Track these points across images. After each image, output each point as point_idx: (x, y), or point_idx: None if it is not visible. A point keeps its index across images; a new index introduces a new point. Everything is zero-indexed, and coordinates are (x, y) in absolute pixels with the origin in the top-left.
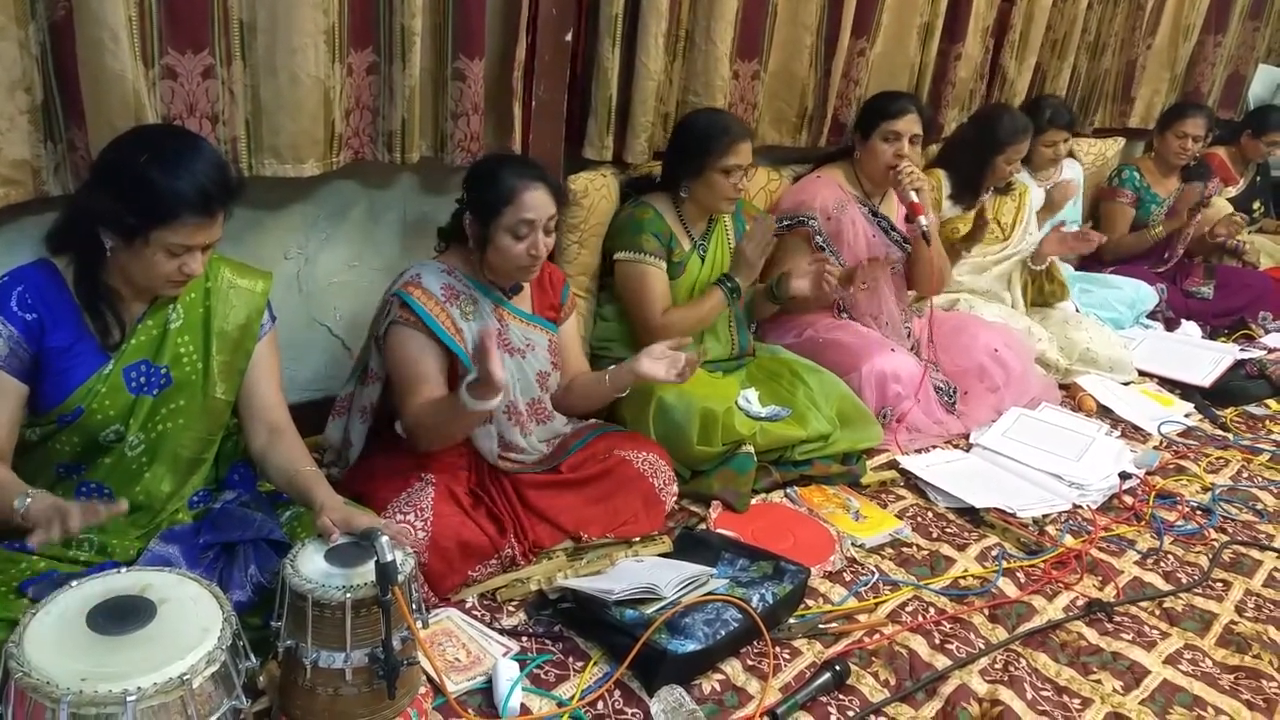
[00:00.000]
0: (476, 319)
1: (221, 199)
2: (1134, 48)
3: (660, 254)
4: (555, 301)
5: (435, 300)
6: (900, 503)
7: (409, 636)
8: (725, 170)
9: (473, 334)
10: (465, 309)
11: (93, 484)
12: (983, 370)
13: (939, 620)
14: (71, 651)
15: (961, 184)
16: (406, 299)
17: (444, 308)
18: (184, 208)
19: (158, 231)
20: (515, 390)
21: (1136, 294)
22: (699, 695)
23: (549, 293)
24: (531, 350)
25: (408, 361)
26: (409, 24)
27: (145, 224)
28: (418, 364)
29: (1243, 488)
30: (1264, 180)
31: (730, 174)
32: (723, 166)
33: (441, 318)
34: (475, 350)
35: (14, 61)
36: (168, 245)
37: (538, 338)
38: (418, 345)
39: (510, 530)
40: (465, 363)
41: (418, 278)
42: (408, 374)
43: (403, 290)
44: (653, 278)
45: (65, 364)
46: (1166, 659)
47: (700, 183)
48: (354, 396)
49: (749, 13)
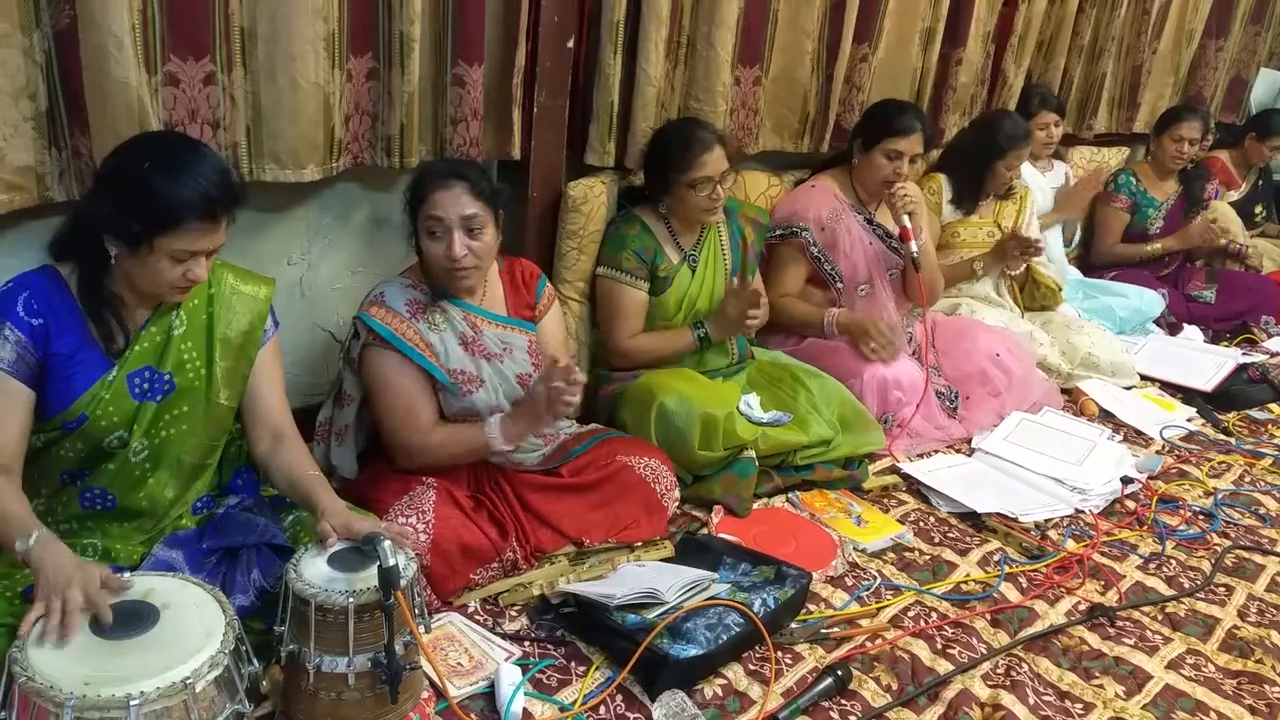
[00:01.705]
0: (448, 328)
1: (225, 204)
2: (1139, 53)
3: (639, 273)
4: (530, 300)
5: (400, 317)
6: (902, 507)
7: (412, 641)
8: (692, 184)
9: (445, 346)
10: (434, 320)
11: (96, 490)
12: (984, 375)
13: (941, 625)
14: (75, 656)
15: (962, 189)
16: (369, 321)
17: (410, 324)
18: (188, 213)
19: (162, 238)
20: (499, 396)
21: (1142, 300)
22: (701, 700)
23: (523, 292)
24: (509, 354)
25: (390, 385)
26: (408, 30)
27: (150, 231)
28: (400, 385)
29: (1245, 492)
30: (1266, 184)
31: (699, 186)
32: (688, 181)
33: (408, 334)
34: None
35: (18, 69)
36: (172, 251)
37: (515, 339)
38: (394, 366)
39: (512, 534)
40: (440, 378)
41: (380, 297)
42: (394, 399)
43: (363, 313)
44: (626, 298)
45: (69, 370)
46: (1169, 664)
47: (673, 198)
48: (332, 420)
49: (750, 18)
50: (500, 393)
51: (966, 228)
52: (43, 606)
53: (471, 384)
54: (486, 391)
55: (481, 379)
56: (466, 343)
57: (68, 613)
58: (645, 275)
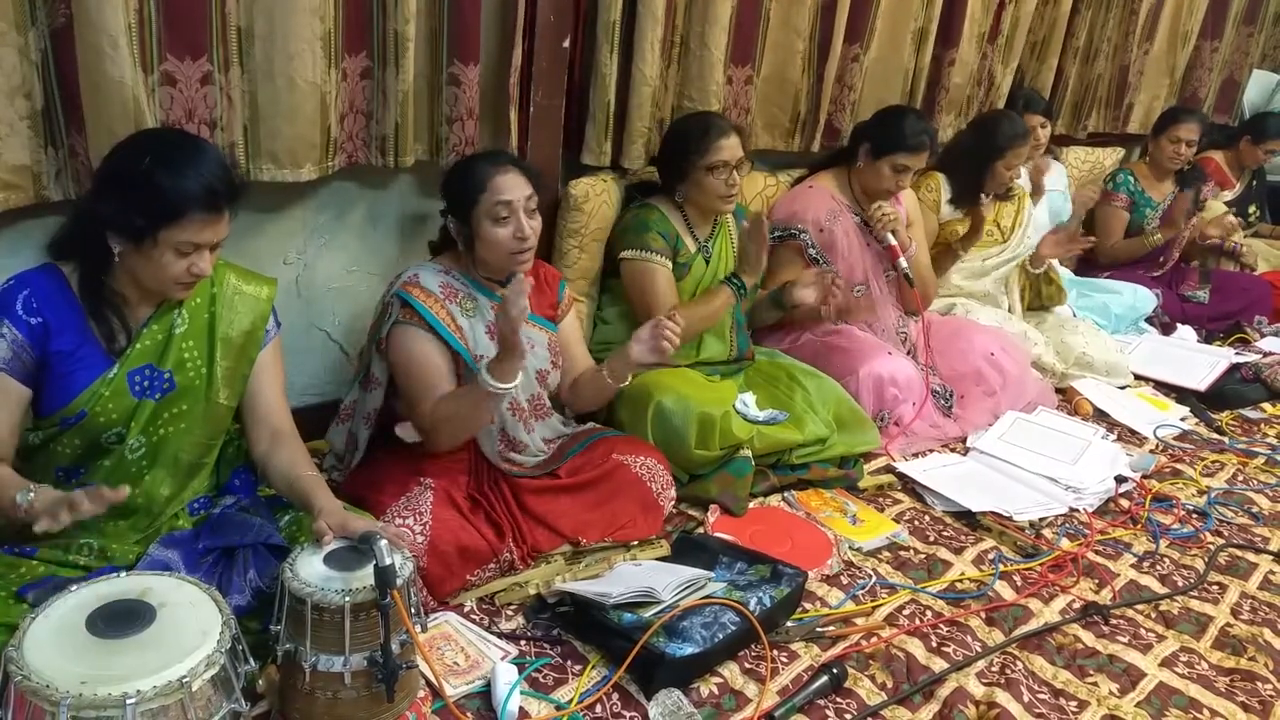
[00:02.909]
0: (477, 315)
1: (227, 195)
2: (1128, 53)
3: (666, 253)
4: (553, 300)
5: (435, 298)
6: (897, 506)
7: (408, 640)
8: (710, 168)
9: (474, 331)
10: (465, 306)
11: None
12: (979, 374)
13: (936, 623)
14: (71, 655)
15: (961, 189)
16: (407, 298)
17: (444, 305)
18: (192, 205)
19: (166, 231)
20: (517, 388)
21: (1135, 298)
22: (697, 698)
23: (546, 292)
24: (531, 349)
25: (416, 360)
26: (402, 29)
27: (154, 224)
28: (426, 362)
29: (1238, 491)
30: (1260, 185)
31: (716, 171)
32: (707, 164)
33: (442, 315)
34: (501, 309)
35: (14, 68)
36: (177, 244)
37: (537, 336)
38: (424, 343)
39: (509, 534)
40: (467, 359)
41: (415, 277)
42: (418, 373)
43: (402, 290)
44: (659, 275)
45: (69, 368)
46: (1162, 661)
47: (691, 184)
48: (358, 403)
49: (743, 18)
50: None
51: (964, 226)
52: (49, 519)
53: None
54: None
55: None
56: (493, 332)
57: (72, 501)
58: (670, 256)
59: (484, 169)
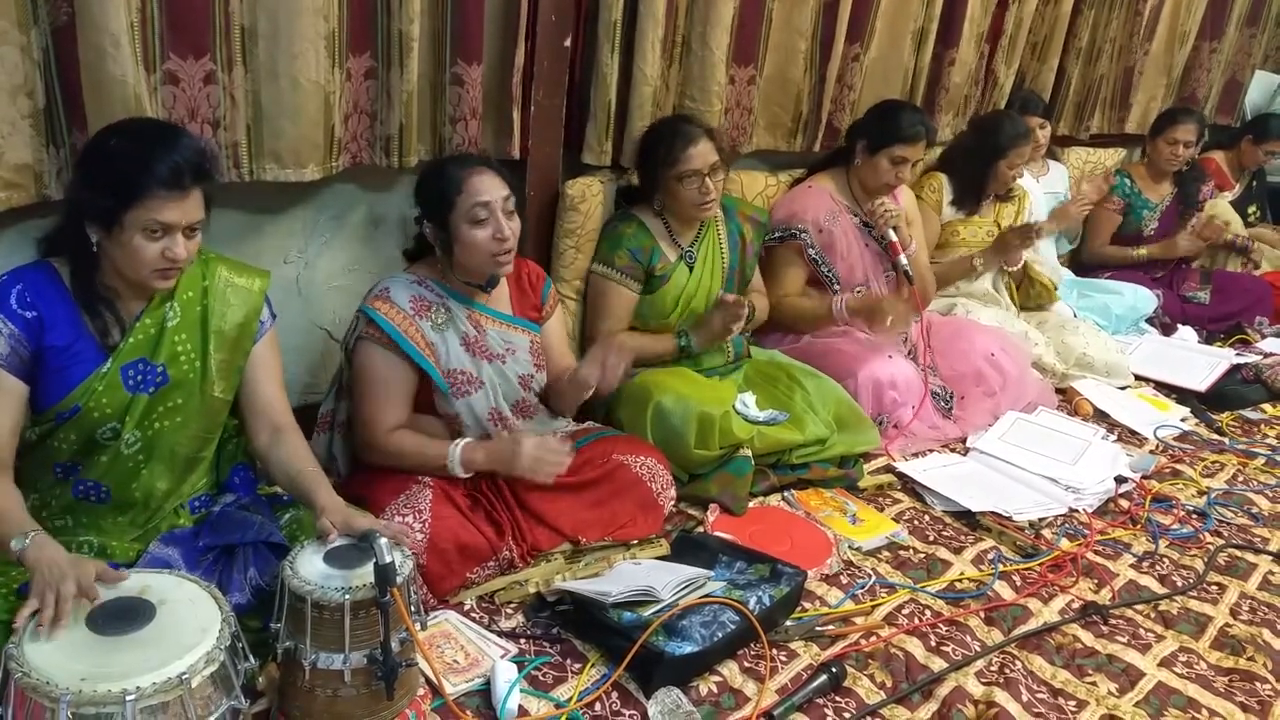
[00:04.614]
0: (450, 328)
1: (192, 172)
2: (1131, 54)
3: (631, 272)
4: (536, 301)
5: (404, 314)
6: (897, 506)
7: (407, 638)
8: (680, 178)
9: (445, 344)
10: (437, 319)
11: (90, 482)
12: (979, 375)
13: (935, 623)
14: (71, 652)
15: (963, 189)
16: (372, 315)
17: (413, 321)
18: (151, 181)
19: (132, 211)
20: (498, 397)
21: (1136, 298)
22: (696, 697)
23: (529, 293)
24: (512, 354)
25: (372, 379)
26: (407, 29)
27: (118, 205)
28: (382, 383)
29: (1238, 492)
30: (1260, 186)
31: (687, 180)
32: (676, 175)
33: (410, 332)
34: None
35: (16, 66)
36: (144, 224)
37: (518, 339)
38: (384, 362)
39: (508, 533)
40: (435, 378)
41: (385, 292)
42: (369, 391)
43: (368, 306)
44: (615, 295)
45: (64, 362)
46: (1161, 661)
47: (665, 194)
48: (334, 413)
49: (745, 18)
50: (500, 394)
51: (967, 227)
52: (37, 601)
53: (470, 385)
54: (485, 393)
55: (481, 380)
56: (469, 343)
57: (61, 600)
58: (639, 275)
59: (457, 171)
